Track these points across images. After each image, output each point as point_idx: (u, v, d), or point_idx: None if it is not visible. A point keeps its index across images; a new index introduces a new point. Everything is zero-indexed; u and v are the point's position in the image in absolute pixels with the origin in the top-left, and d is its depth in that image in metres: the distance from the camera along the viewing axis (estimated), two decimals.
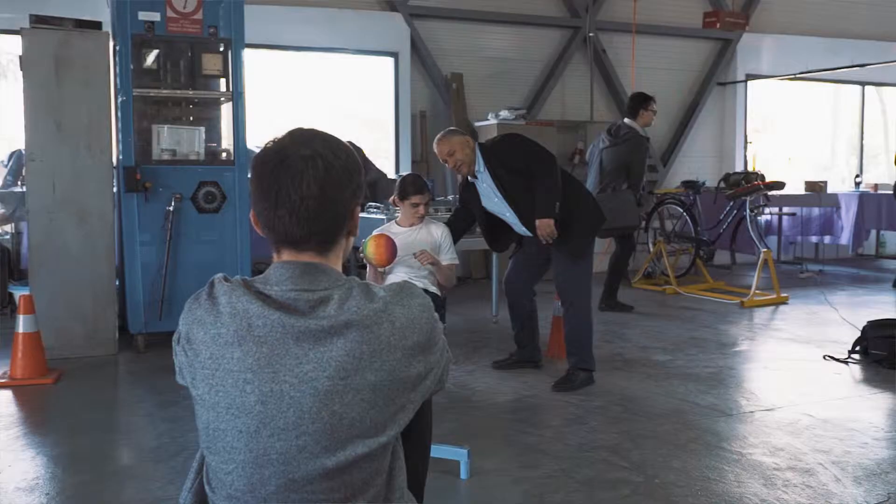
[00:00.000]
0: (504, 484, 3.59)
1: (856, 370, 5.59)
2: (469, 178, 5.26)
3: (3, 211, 7.25)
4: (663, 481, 3.58)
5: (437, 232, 5.05)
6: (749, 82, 11.70)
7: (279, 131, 1.71)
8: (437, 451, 3.69)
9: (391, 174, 9.47)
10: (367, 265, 4.91)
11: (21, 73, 5.68)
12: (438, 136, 5.20)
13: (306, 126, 1.73)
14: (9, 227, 7.58)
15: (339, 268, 1.71)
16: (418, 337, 1.63)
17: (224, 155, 6.28)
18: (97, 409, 4.80)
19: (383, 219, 6.88)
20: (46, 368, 5.27)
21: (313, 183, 1.60)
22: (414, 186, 5.03)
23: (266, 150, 1.66)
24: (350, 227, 1.72)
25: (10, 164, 7.75)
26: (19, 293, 5.93)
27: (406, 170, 9.60)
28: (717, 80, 11.54)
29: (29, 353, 5.19)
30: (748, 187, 8.61)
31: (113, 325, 5.98)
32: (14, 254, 7.58)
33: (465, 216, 5.47)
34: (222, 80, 6.27)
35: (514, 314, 5.54)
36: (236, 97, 6.15)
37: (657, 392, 5.01)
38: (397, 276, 5.00)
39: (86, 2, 7.21)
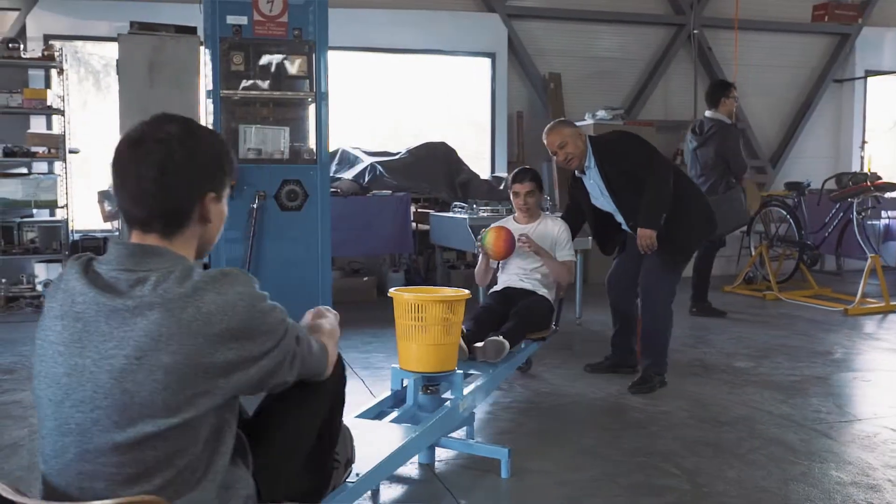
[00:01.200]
0: (546, 485, 3.52)
1: None
2: (577, 173, 5.02)
3: (109, 208, 7.65)
4: (712, 490, 3.43)
5: (555, 228, 4.94)
6: (869, 79, 11.08)
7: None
8: (479, 449, 3.70)
9: (485, 175, 9.47)
10: (481, 256, 4.91)
11: (117, 76, 6.00)
12: (549, 125, 4.96)
13: (172, 112, 1.76)
14: (116, 223, 7.98)
15: (190, 254, 1.74)
16: (230, 324, 1.63)
17: (307, 154, 6.43)
18: None
19: (466, 218, 6.89)
20: None
21: (154, 166, 1.65)
22: (517, 175, 4.93)
23: (127, 133, 1.72)
24: (202, 213, 1.74)
25: None
26: None
27: (501, 171, 9.58)
28: (833, 76, 10.98)
29: None
30: (854, 188, 8.13)
31: None
32: None
33: (577, 213, 5.26)
34: (307, 82, 6.42)
35: (615, 315, 5.36)
36: (319, 98, 6.28)
37: (730, 399, 4.80)
38: (508, 274, 4.97)
39: (183, 9, 7.54)
